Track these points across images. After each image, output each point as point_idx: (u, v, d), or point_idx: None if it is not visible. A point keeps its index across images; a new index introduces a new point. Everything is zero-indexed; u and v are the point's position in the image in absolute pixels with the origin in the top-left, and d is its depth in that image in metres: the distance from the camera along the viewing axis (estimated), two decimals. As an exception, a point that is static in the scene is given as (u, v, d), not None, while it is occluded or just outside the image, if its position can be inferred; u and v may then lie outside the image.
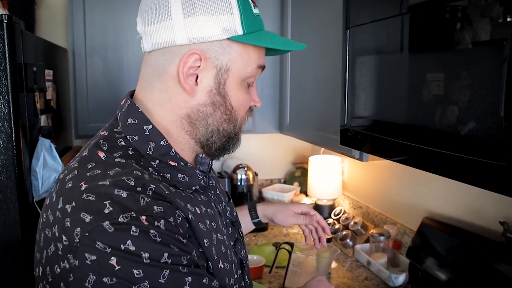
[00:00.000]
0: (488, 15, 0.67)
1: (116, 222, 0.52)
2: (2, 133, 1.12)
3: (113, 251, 0.51)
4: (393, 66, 0.94)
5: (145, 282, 0.51)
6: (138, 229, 0.52)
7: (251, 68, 0.65)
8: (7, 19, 1.11)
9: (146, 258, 0.51)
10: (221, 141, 0.68)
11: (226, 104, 0.65)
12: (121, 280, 0.50)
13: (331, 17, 1.38)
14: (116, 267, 0.50)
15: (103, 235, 0.51)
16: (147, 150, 0.63)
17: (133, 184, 0.56)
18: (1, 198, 1.13)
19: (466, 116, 0.73)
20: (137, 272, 0.51)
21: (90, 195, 0.54)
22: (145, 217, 0.53)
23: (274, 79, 1.90)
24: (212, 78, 0.63)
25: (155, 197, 0.56)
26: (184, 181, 0.65)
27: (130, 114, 0.65)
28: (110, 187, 0.55)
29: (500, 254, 1.06)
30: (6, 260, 1.16)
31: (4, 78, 1.11)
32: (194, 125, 0.65)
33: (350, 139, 1.15)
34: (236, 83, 0.65)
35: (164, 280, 0.52)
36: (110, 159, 0.60)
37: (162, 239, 0.53)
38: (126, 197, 0.54)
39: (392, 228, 1.56)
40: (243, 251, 0.81)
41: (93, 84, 1.69)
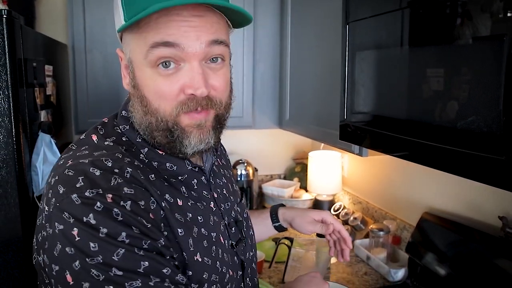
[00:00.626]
0: (488, 10, 0.67)
1: (83, 196, 0.55)
2: (2, 128, 1.12)
3: (76, 222, 0.53)
4: (393, 61, 0.94)
5: (99, 256, 0.53)
6: (102, 205, 0.54)
7: (145, 51, 0.60)
8: (6, 14, 1.11)
9: (103, 233, 0.53)
10: (159, 136, 0.63)
11: (140, 96, 0.63)
12: (78, 251, 0.53)
13: (331, 12, 1.38)
14: (76, 237, 0.53)
15: (70, 206, 0.54)
16: (137, 138, 0.66)
17: (110, 165, 0.59)
18: (1, 193, 1.14)
19: (466, 110, 0.73)
20: (93, 245, 0.53)
21: (70, 171, 0.58)
22: (111, 195, 0.55)
23: (274, 74, 1.90)
24: (129, 71, 0.65)
25: (130, 180, 0.59)
26: (172, 170, 0.67)
27: (125, 107, 0.70)
28: (88, 165, 0.58)
29: (499, 249, 1.06)
30: (7, 254, 1.16)
31: (4, 74, 1.11)
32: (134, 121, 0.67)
33: (350, 134, 1.15)
34: (143, 71, 0.62)
35: (117, 258, 0.53)
36: (101, 143, 0.64)
37: (123, 219, 0.55)
38: (98, 175, 0.57)
39: (391, 224, 1.57)
40: (249, 253, 0.79)
41: (93, 79, 1.69)
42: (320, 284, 0.82)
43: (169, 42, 0.58)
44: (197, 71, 0.60)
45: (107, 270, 0.52)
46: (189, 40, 0.59)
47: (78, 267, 0.52)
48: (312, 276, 0.84)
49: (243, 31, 1.80)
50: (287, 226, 1.06)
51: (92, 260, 0.52)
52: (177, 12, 0.58)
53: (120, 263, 0.53)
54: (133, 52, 0.63)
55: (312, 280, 0.83)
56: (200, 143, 0.64)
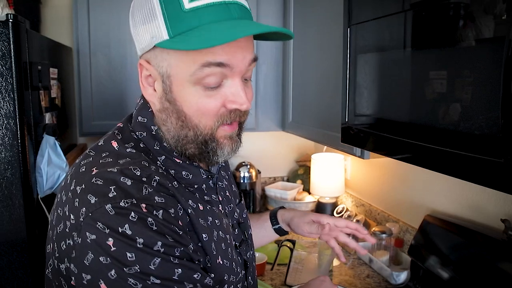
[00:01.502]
0: (491, 12, 0.68)
1: (118, 206, 0.55)
2: (8, 131, 1.14)
3: (111, 232, 0.54)
4: (395, 64, 0.95)
5: (136, 265, 0.53)
6: (137, 215, 0.55)
7: (194, 69, 0.59)
8: (12, 18, 1.13)
9: (140, 243, 0.54)
10: (193, 148, 0.65)
11: (177, 110, 0.63)
12: (114, 261, 0.53)
13: (333, 15, 1.39)
14: (112, 248, 0.53)
15: (104, 217, 0.54)
16: (154, 146, 0.67)
17: (138, 174, 0.59)
18: (6, 194, 1.15)
19: (466, 113, 0.73)
20: (130, 255, 0.53)
21: (99, 180, 0.58)
22: (145, 205, 0.56)
23: (277, 77, 1.91)
24: (160, 85, 0.63)
25: (159, 189, 0.59)
26: (188, 178, 0.67)
27: (141, 112, 0.69)
28: (117, 174, 0.58)
29: (501, 252, 1.06)
30: (12, 255, 1.18)
31: (10, 77, 1.12)
32: (161, 131, 0.66)
33: (352, 137, 1.16)
34: (184, 87, 0.61)
35: (154, 267, 0.54)
36: (122, 150, 0.64)
37: (158, 228, 0.56)
38: (130, 184, 0.57)
39: (394, 226, 1.56)
40: (250, 252, 0.81)
41: (97, 82, 1.70)
42: (330, 287, 0.83)
43: (222, 62, 0.59)
44: (241, 88, 0.62)
45: (145, 279, 0.53)
46: (238, 60, 0.61)
47: (114, 276, 0.53)
48: (321, 280, 0.85)
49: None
50: (287, 228, 1.04)
51: (130, 269, 0.53)
52: None
53: (157, 272, 0.54)
54: (174, 67, 0.61)
55: (322, 284, 0.84)
56: (232, 152, 0.67)
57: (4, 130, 1.13)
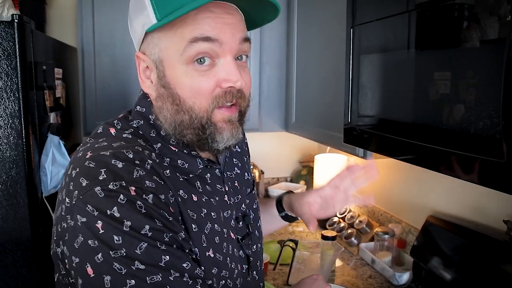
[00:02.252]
0: (493, 13, 0.68)
1: (107, 189, 0.55)
2: (13, 130, 1.15)
3: (99, 214, 0.54)
4: (398, 65, 0.95)
5: (122, 249, 0.53)
6: (125, 198, 0.54)
7: (183, 47, 0.60)
8: (18, 19, 1.14)
9: (127, 226, 0.53)
10: (190, 134, 0.64)
11: (172, 94, 0.63)
12: (102, 244, 0.53)
13: (337, 16, 1.39)
14: (100, 230, 0.53)
15: (93, 199, 0.54)
16: (151, 133, 0.67)
17: (131, 156, 0.59)
18: (11, 193, 1.16)
19: (469, 114, 0.73)
20: (116, 238, 0.53)
21: (91, 163, 0.58)
22: (134, 188, 0.55)
23: (280, 77, 1.92)
24: (155, 73, 0.64)
25: (151, 172, 0.59)
26: (183, 167, 0.66)
27: (140, 103, 0.70)
28: (109, 156, 0.58)
29: (503, 253, 1.05)
30: (16, 253, 1.19)
31: (15, 76, 1.14)
32: (159, 120, 0.67)
33: (355, 137, 1.16)
34: (176, 69, 0.62)
35: (140, 252, 0.53)
36: (119, 134, 0.65)
37: (146, 211, 0.55)
38: (121, 167, 0.57)
39: (396, 227, 1.56)
40: (256, 245, 0.79)
41: (101, 81, 1.71)
42: (322, 286, 0.82)
43: (209, 37, 0.59)
44: (234, 65, 0.62)
45: (130, 264, 0.53)
46: (226, 36, 0.61)
47: (100, 260, 0.53)
48: (314, 279, 0.83)
49: (249, 34, 1.82)
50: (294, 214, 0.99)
51: (116, 253, 0.53)
52: (210, 9, 0.60)
53: (142, 257, 0.53)
54: (165, 50, 0.62)
55: (314, 282, 0.83)
56: (231, 138, 0.65)
57: (9, 130, 1.15)
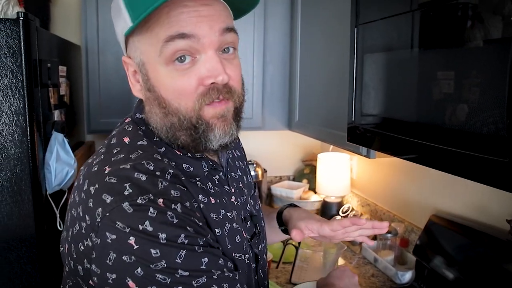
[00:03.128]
0: (497, 13, 0.68)
1: (135, 204, 0.54)
2: (18, 127, 1.16)
3: (131, 231, 0.53)
4: (401, 64, 0.95)
5: (162, 261, 0.53)
6: (155, 211, 0.54)
7: (159, 47, 0.59)
8: (23, 16, 1.14)
9: (163, 238, 0.53)
10: (183, 135, 0.63)
11: (157, 97, 0.62)
12: (139, 258, 0.53)
13: (341, 15, 1.39)
14: (134, 246, 0.53)
15: (122, 216, 0.54)
16: (154, 137, 0.66)
17: (152, 168, 0.58)
18: (15, 190, 1.17)
19: (473, 113, 0.73)
20: (154, 252, 0.53)
21: (112, 178, 0.57)
22: (162, 199, 0.55)
23: (284, 76, 1.92)
24: (140, 77, 0.64)
25: (173, 181, 0.58)
26: (189, 171, 0.66)
27: (138, 109, 0.70)
28: (131, 170, 0.57)
29: (506, 253, 1.05)
30: (20, 250, 1.19)
31: (20, 74, 1.14)
32: (150, 124, 0.66)
33: (358, 136, 1.16)
34: (158, 71, 0.61)
35: (180, 260, 0.54)
36: (134, 143, 0.64)
37: (178, 221, 0.55)
38: (145, 180, 0.56)
39: (399, 226, 1.56)
40: (261, 245, 0.80)
41: (105, 79, 1.72)
42: (351, 275, 0.87)
43: (184, 33, 0.58)
44: (215, 60, 0.59)
45: (173, 273, 0.53)
46: (203, 30, 0.58)
47: (141, 274, 0.53)
48: (342, 270, 0.87)
49: (253, 33, 1.82)
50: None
51: (156, 266, 0.53)
52: (184, 3, 0.58)
53: (184, 264, 0.54)
54: (145, 53, 0.61)
55: (344, 273, 0.87)
56: (225, 135, 0.63)
57: (14, 127, 1.15)
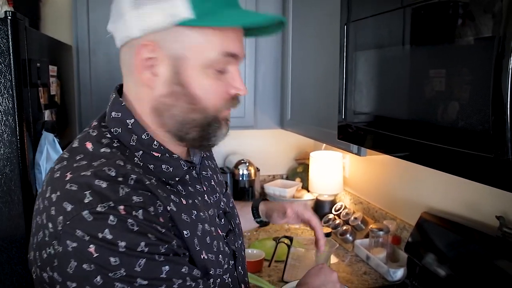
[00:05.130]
0: (488, 11, 0.68)
1: (95, 212, 0.53)
2: (6, 127, 1.15)
3: (91, 239, 0.52)
4: (392, 61, 0.95)
5: (121, 269, 0.53)
6: (116, 219, 0.53)
7: (213, 55, 0.61)
8: (11, 15, 1.13)
9: (122, 246, 0.53)
10: (195, 131, 0.65)
11: (188, 94, 0.62)
12: (98, 267, 0.52)
13: (332, 13, 1.39)
14: (94, 254, 0.52)
15: (82, 224, 0.53)
16: (130, 141, 0.64)
17: (114, 174, 0.57)
18: (5, 190, 1.16)
19: (461, 110, 0.74)
20: (113, 260, 0.52)
21: (73, 185, 0.56)
22: (123, 206, 0.54)
23: (276, 74, 1.92)
24: (167, 67, 0.61)
25: (136, 187, 0.57)
26: (168, 171, 0.66)
27: (114, 107, 0.67)
28: (91, 177, 0.56)
29: (496, 248, 1.06)
30: (11, 251, 1.19)
31: (8, 73, 1.13)
32: (162, 117, 0.64)
33: (349, 134, 1.16)
34: (198, 71, 0.61)
35: (140, 268, 0.53)
36: (97, 151, 0.62)
37: (139, 228, 0.54)
38: (105, 187, 0.55)
39: (391, 223, 1.57)
40: (238, 241, 0.81)
41: (96, 79, 1.71)
42: (329, 273, 0.86)
43: (236, 54, 0.64)
44: (240, 76, 0.67)
45: (132, 282, 0.53)
46: (241, 51, 0.66)
47: (100, 282, 0.52)
48: (319, 268, 0.87)
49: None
50: (267, 219, 1.09)
51: (115, 274, 0.52)
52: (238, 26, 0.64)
53: (143, 273, 0.53)
54: (189, 50, 0.61)
55: (321, 271, 0.86)
56: (224, 136, 0.69)
57: (3, 127, 1.15)
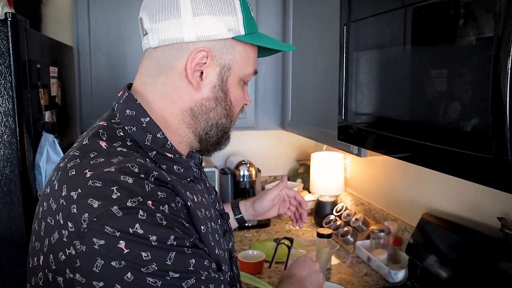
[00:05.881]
0: (489, 11, 0.67)
1: (125, 207, 0.53)
2: (6, 128, 1.15)
3: (122, 234, 0.52)
4: (392, 62, 0.95)
5: (153, 264, 0.53)
6: (145, 213, 0.54)
7: (249, 69, 0.71)
8: (11, 17, 1.14)
9: (154, 240, 0.53)
10: (217, 135, 0.72)
11: (227, 100, 0.70)
12: (129, 263, 0.52)
13: (332, 14, 1.39)
14: (124, 250, 0.52)
15: (112, 220, 0.53)
16: (145, 141, 0.65)
17: (137, 171, 0.58)
18: (5, 191, 1.16)
19: (463, 111, 0.73)
20: (145, 255, 0.52)
21: (97, 182, 0.55)
22: (151, 201, 0.55)
23: (277, 75, 1.92)
24: (216, 74, 0.67)
25: (158, 183, 0.58)
26: (180, 172, 0.67)
27: (128, 105, 0.67)
28: (116, 173, 0.56)
29: (497, 250, 1.05)
30: (11, 252, 1.19)
31: (8, 75, 1.14)
32: (196, 118, 0.69)
33: (349, 135, 1.16)
34: (235, 81, 0.70)
35: (170, 262, 0.54)
36: (112, 149, 0.62)
37: (167, 223, 0.55)
38: (132, 183, 0.56)
39: (392, 225, 1.56)
40: (231, 243, 0.84)
41: (97, 80, 1.71)
42: (312, 264, 0.94)
43: (257, 71, 0.74)
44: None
45: (164, 275, 0.53)
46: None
47: (131, 279, 0.52)
48: (303, 260, 0.93)
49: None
50: (249, 217, 1.13)
51: (147, 269, 0.53)
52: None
53: (174, 266, 0.54)
54: (236, 62, 0.69)
55: (304, 262, 0.94)
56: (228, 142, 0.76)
57: (3, 128, 1.15)
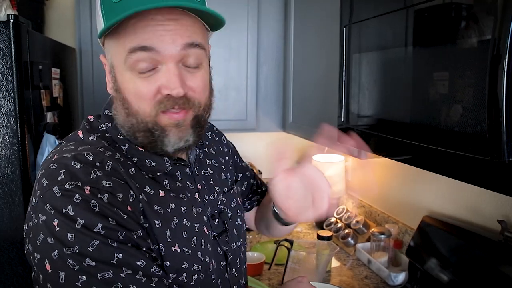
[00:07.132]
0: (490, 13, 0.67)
1: (63, 188, 0.58)
2: (8, 129, 1.16)
3: (56, 213, 0.57)
4: (393, 63, 0.95)
5: (75, 246, 0.56)
6: (80, 197, 0.57)
7: (124, 56, 0.62)
8: (13, 19, 1.15)
9: (79, 224, 0.56)
10: (140, 135, 0.66)
11: (122, 98, 0.66)
12: (57, 241, 0.56)
13: (334, 15, 1.39)
14: (56, 228, 0.56)
15: (51, 198, 0.58)
16: (118, 135, 0.69)
17: (91, 158, 0.62)
18: (6, 191, 1.17)
19: (463, 113, 0.73)
20: (70, 236, 0.56)
21: (54, 165, 0.61)
22: (89, 187, 0.59)
23: (278, 77, 1.92)
24: (110, 76, 0.68)
25: (110, 173, 0.62)
26: (151, 166, 0.68)
27: (107, 106, 0.73)
28: (70, 159, 0.61)
29: (498, 253, 1.05)
30: (11, 252, 1.19)
31: (10, 76, 1.15)
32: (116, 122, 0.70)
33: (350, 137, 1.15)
34: (123, 74, 0.64)
35: (92, 249, 0.56)
36: (85, 138, 0.68)
37: (100, 210, 0.58)
38: (79, 168, 0.60)
39: (393, 227, 1.56)
40: (235, 243, 0.80)
41: (99, 82, 1.72)
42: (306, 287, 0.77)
43: (145, 46, 0.61)
44: (173, 73, 0.62)
45: (82, 260, 0.55)
46: (165, 43, 0.61)
47: (56, 256, 0.56)
48: (298, 281, 0.79)
49: (247, 34, 1.82)
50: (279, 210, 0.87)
51: (69, 250, 0.55)
52: (152, 17, 0.60)
53: (94, 254, 0.56)
54: (114, 58, 0.66)
55: (298, 285, 0.78)
56: (179, 141, 0.66)
57: (5, 128, 1.16)
